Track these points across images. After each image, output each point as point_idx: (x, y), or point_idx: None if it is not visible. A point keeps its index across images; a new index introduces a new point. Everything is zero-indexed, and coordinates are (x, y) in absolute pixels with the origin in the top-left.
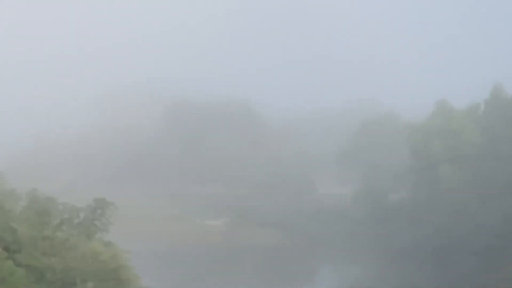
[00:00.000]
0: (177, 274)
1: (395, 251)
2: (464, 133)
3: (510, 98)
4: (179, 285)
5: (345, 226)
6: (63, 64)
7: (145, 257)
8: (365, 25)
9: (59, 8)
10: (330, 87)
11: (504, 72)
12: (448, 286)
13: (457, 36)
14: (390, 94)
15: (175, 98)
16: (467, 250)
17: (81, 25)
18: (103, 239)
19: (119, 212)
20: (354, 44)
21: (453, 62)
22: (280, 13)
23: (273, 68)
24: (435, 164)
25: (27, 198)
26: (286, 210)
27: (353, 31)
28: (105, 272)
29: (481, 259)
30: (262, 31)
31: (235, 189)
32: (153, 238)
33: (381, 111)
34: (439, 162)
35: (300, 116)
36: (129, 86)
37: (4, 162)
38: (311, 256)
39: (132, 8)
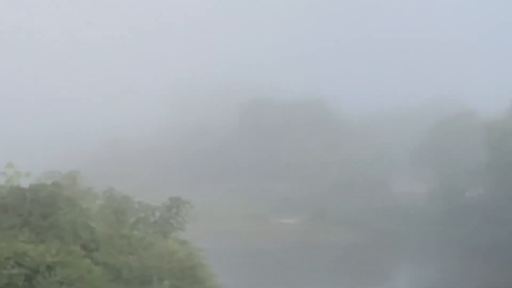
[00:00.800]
0: (252, 273)
1: (472, 250)
2: None
3: None
4: (255, 284)
5: (421, 225)
6: (137, 61)
7: (220, 256)
8: (443, 24)
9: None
10: (406, 86)
11: None
12: None
13: None
14: (467, 92)
15: (251, 96)
16: None
17: (157, 21)
18: (178, 237)
19: (194, 211)
20: (430, 42)
21: None
22: (357, 10)
23: (350, 67)
24: None
25: (104, 197)
26: (362, 208)
27: (430, 30)
28: (181, 271)
29: None
30: (338, 29)
31: (310, 187)
32: (228, 236)
33: (457, 109)
34: None
35: (376, 114)
36: (205, 84)
37: (80, 161)
38: (387, 255)
39: (208, 4)
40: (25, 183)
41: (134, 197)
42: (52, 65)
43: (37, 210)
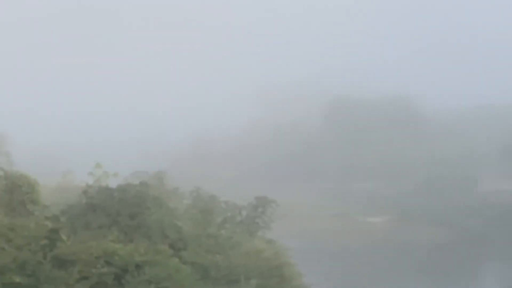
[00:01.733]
0: (338, 272)
1: None
2: None
3: None
4: (341, 283)
5: (509, 223)
6: (223, 62)
7: (306, 255)
8: None
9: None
10: (494, 83)
11: None
12: None
13: None
14: None
15: (336, 94)
16: None
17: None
18: (265, 236)
19: (280, 210)
20: None
21: None
22: (443, 9)
23: (435, 64)
24: None
25: (190, 196)
26: (449, 207)
27: None
28: (268, 270)
29: None
30: (424, 27)
31: (397, 186)
32: (314, 235)
33: None
34: None
35: (462, 112)
36: (291, 84)
37: (167, 161)
38: (475, 254)
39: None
40: (113, 183)
41: (221, 197)
42: (140, 68)
43: (125, 210)
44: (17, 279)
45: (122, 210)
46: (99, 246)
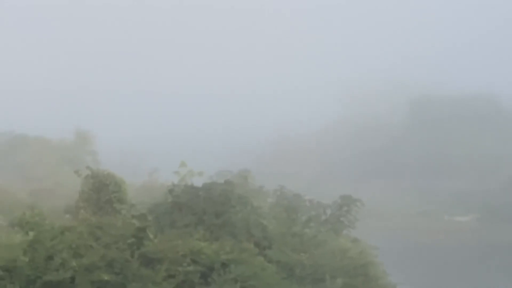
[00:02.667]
0: (424, 272)
1: None
2: None
3: None
4: (427, 283)
5: None
6: (305, 59)
7: (392, 254)
8: None
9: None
10: None
11: None
12: None
13: None
14: None
15: (420, 92)
16: None
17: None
18: (350, 235)
19: (365, 208)
20: None
21: None
22: None
23: None
24: None
25: (274, 195)
26: None
27: None
28: (354, 269)
29: None
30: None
31: (483, 184)
32: (399, 234)
33: None
34: None
35: None
36: (373, 81)
37: (250, 159)
38: None
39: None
40: (198, 182)
41: (305, 195)
42: (224, 65)
43: (211, 208)
44: (106, 277)
45: (208, 208)
46: (186, 245)
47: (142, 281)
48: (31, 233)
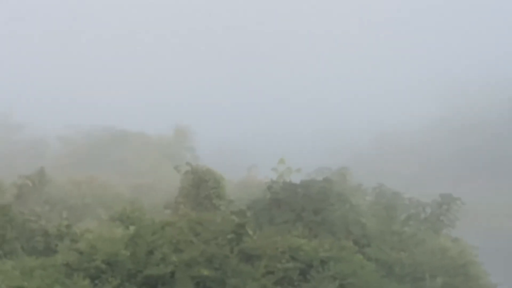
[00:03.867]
0: None
1: None
2: None
3: None
4: None
5: None
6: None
7: (492, 254)
8: None
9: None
10: None
11: None
12: None
13: None
14: None
15: None
16: None
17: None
18: (449, 235)
19: (465, 207)
20: None
21: None
22: None
23: None
24: None
25: (373, 193)
26: None
27: None
28: (454, 268)
29: None
30: None
31: None
32: (501, 234)
33: None
34: None
35: None
36: (473, 79)
37: (348, 157)
38: None
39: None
40: (296, 179)
41: (404, 193)
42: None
43: (309, 205)
44: (205, 272)
45: (306, 205)
46: (284, 241)
47: (241, 277)
48: (131, 228)
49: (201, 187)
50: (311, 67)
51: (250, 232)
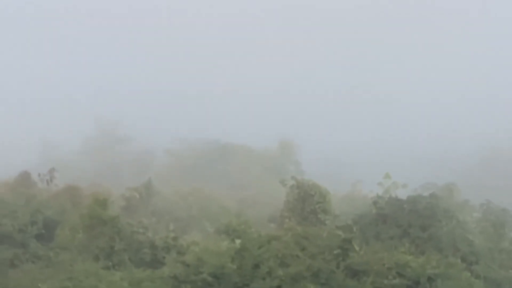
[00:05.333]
0: None
1: None
2: None
3: None
4: None
5: None
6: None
7: None
8: None
9: None
10: None
11: None
12: None
13: None
14: None
15: None
16: None
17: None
18: None
19: None
20: None
21: None
22: None
23: None
24: None
25: (481, 209)
26: None
27: None
28: None
29: None
30: None
31: None
32: None
33: None
34: None
35: None
36: None
37: (456, 172)
38: None
39: None
40: (402, 194)
41: None
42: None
43: (416, 221)
44: (312, 287)
45: (413, 221)
46: (391, 257)
47: None
48: (237, 241)
49: (307, 201)
50: (418, 81)
51: (357, 248)
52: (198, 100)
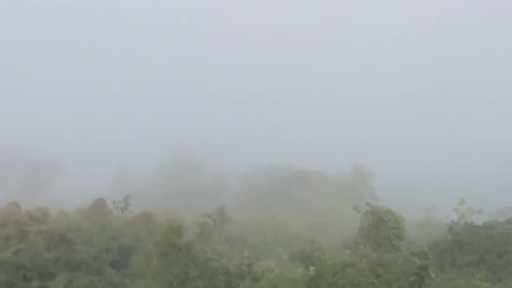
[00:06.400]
0: None
1: None
2: None
3: None
4: None
5: None
6: None
7: None
8: None
9: None
10: None
11: None
12: None
13: None
14: None
15: None
16: None
17: None
18: None
19: None
20: None
21: None
22: None
23: None
24: None
25: None
26: None
27: None
28: None
29: None
30: None
31: None
32: None
33: None
34: None
35: None
36: None
37: None
38: None
39: None
40: (478, 220)
41: None
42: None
43: (492, 247)
44: None
45: (489, 247)
46: (468, 284)
47: None
48: (312, 268)
49: (381, 228)
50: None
51: (433, 275)
52: (271, 126)
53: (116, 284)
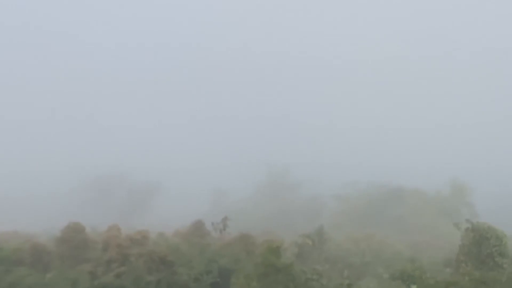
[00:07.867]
0: None
1: None
2: None
3: None
4: None
5: None
6: None
7: None
8: None
9: None
10: None
11: None
12: None
13: None
14: None
15: None
16: None
17: None
18: None
19: None
20: None
21: None
22: None
23: None
24: None
25: None
26: None
27: None
28: None
29: None
30: None
31: None
32: None
33: None
34: None
35: None
36: None
37: None
38: None
39: None
40: None
41: None
42: None
43: None
44: None
45: None
46: None
47: None
48: (413, 287)
49: (483, 245)
50: None
51: None
52: (366, 144)
53: None
